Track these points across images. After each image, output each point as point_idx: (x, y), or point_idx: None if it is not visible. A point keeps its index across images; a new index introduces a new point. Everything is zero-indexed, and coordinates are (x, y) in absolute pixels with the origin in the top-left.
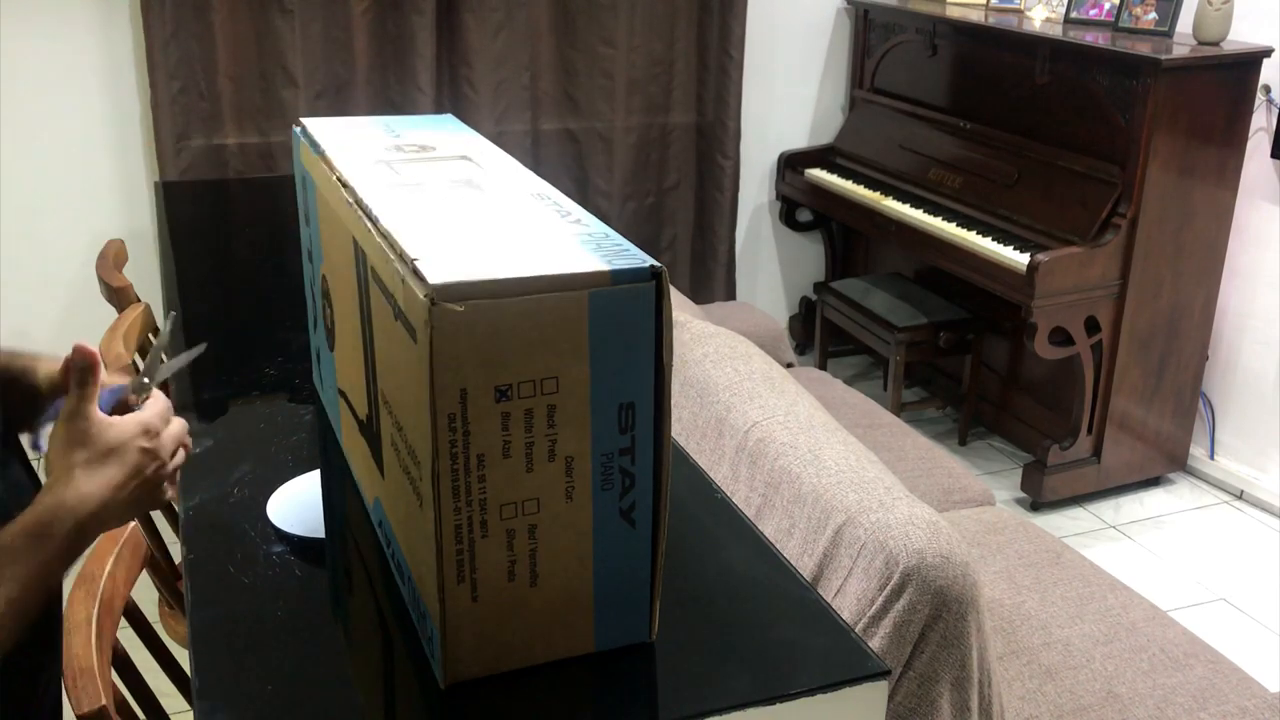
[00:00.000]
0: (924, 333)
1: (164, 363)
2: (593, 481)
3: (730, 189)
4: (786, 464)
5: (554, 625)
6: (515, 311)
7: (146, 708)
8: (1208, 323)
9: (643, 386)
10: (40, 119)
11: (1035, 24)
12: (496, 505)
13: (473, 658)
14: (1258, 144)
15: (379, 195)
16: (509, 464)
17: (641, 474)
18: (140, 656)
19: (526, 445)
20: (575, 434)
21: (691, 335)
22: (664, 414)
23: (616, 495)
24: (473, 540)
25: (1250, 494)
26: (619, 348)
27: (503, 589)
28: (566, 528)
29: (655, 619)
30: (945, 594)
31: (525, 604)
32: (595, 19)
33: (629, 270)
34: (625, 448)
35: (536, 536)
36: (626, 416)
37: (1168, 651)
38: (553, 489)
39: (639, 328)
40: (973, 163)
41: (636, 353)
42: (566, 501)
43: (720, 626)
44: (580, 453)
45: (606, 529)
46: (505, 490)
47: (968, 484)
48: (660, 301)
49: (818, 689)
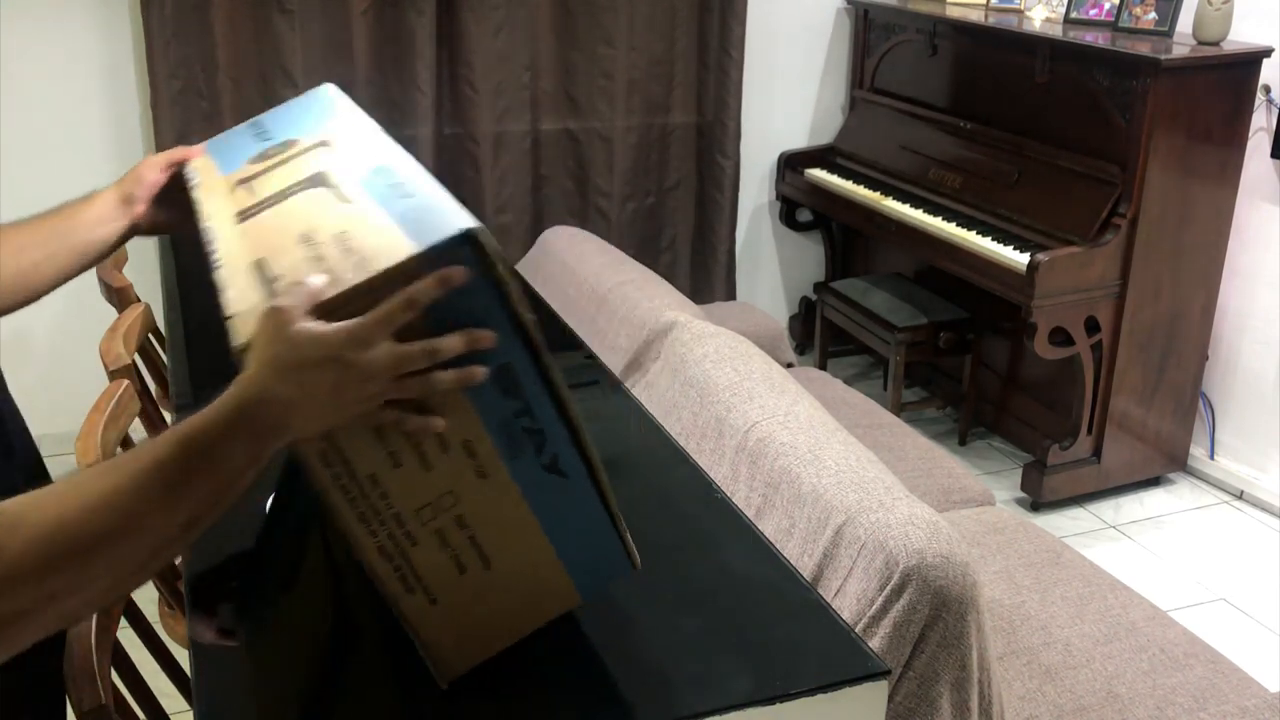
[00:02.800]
0: (924, 333)
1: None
2: (500, 453)
3: (730, 189)
4: (786, 464)
5: (529, 594)
6: None
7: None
8: (1208, 323)
9: (511, 345)
10: (40, 119)
11: (1035, 24)
12: (413, 513)
13: (459, 654)
14: (1258, 144)
15: (224, 236)
16: (404, 472)
17: (550, 426)
18: (140, 656)
19: (414, 448)
20: (459, 417)
21: (691, 335)
22: (546, 364)
23: (532, 455)
24: (404, 552)
25: (1250, 494)
26: (466, 320)
27: (458, 583)
28: (495, 504)
29: (632, 550)
30: (945, 594)
31: (490, 587)
32: (595, 19)
33: (440, 245)
34: (520, 409)
35: (469, 524)
36: (507, 380)
37: (1168, 651)
38: (461, 476)
39: (476, 295)
40: (973, 163)
41: (488, 317)
42: (482, 481)
43: (720, 627)
44: (474, 433)
45: (538, 489)
46: (413, 497)
47: (968, 484)
48: (486, 260)
49: (818, 689)
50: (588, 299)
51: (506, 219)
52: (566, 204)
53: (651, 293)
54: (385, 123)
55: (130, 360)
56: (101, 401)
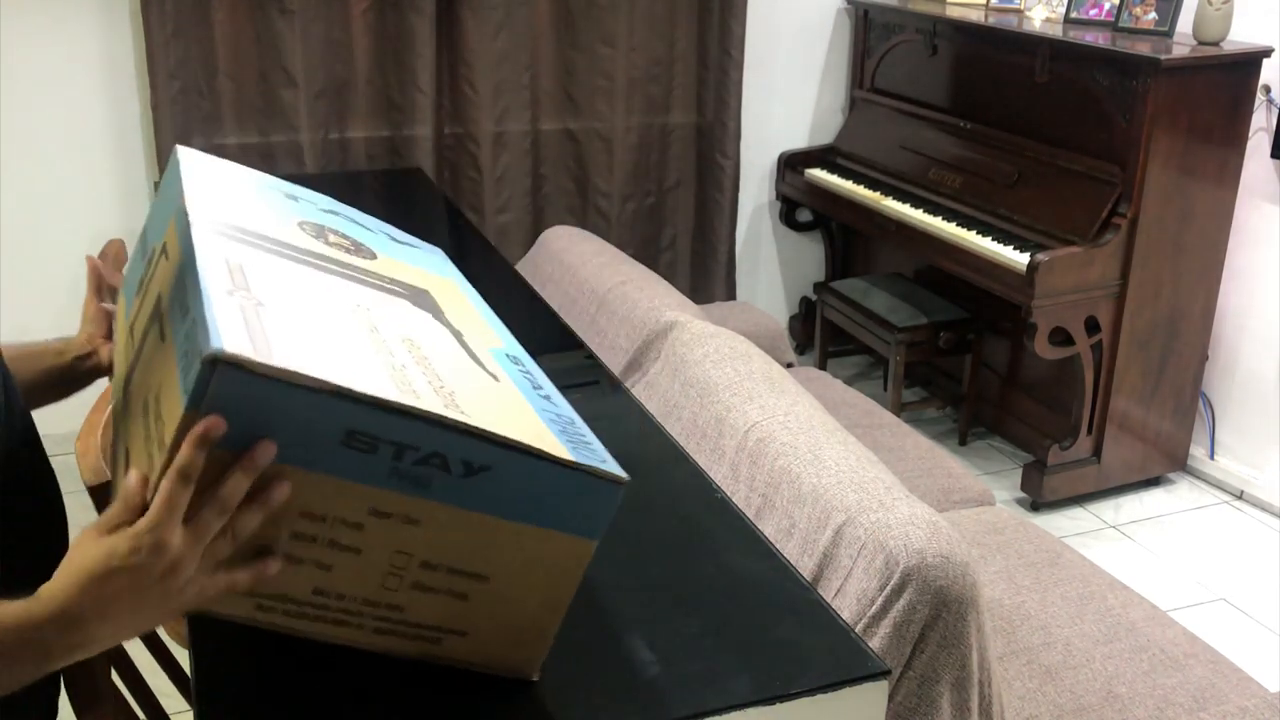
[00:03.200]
0: (924, 333)
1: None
2: (411, 495)
3: (730, 189)
4: (786, 464)
5: (544, 572)
6: None
7: (146, 708)
8: (1208, 323)
9: (330, 413)
10: (40, 119)
11: (1035, 24)
12: (379, 590)
13: (525, 649)
14: (1258, 144)
15: (122, 413)
16: (340, 569)
17: (437, 443)
18: (140, 656)
19: (328, 546)
20: (346, 497)
21: (691, 335)
22: (376, 399)
23: (442, 475)
24: (400, 620)
25: (1250, 494)
26: (263, 422)
27: (471, 609)
28: (446, 533)
29: (609, 471)
30: (945, 594)
31: (503, 592)
32: (595, 19)
33: (196, 390)
34: (394, 453)
35: (437, 563)
36: (358, 440)
37: (1168, 651)
38: (394, 534)
39: (258, 401)
40: (973, 163)
41: (286, 405)
42: (416, 525)
43: (720, 626)
44: (371, 498)
45: (473, 494)
46: (367, 579)
47: (968, 484)
48: (249, 367)
49: (818, 689)
50: (588, 299)
51: (506, 219)
52: (566, 204)
53: (651, 293)
54: (385, 123)
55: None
56: (101, 402)
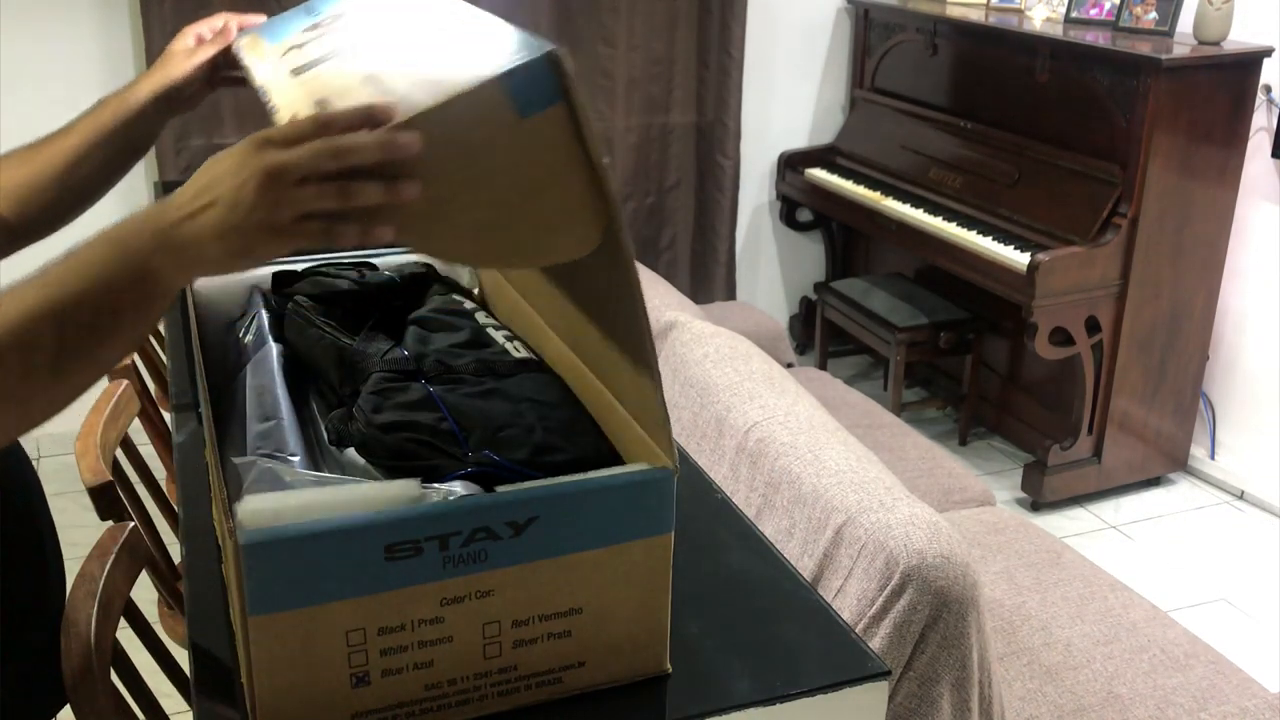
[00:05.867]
0: (924, 333)
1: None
2: (470, 570)
3: (730, 189)
4: (787, 464)
5: (631, 568)
6: None
7: (146, 708)
8: (1208, 323)
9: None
10: (40, 119)
11: (1035, 23)
12: (481, 661)
13: (654, 646)
14: (1258, 144)
15: (280, 89)
16: (438, 661)
17: (480, 518)
18: (140, 656)
19: (418, 646)
20: (412, 594)
21: (691, 335)
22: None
23: (500, 540)
24: (517, 678)
25: (1250, 494)
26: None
27: (579, 641)
28: (521, 588)
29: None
30: (945, 594)
31: (603, 609)
32: (595, 19)
33: (520, 67)
34: (440, 542)
35: (526, 618)
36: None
37: (1168, 652)
38: (474, 613)
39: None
40: (973, 162)
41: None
42: (488, 597)
43: (720, 627)
44: (441, 592)
45: (531, 545)
46: (467, 657)
47: (968, 484)
48: (566, 83)
49: (818, 689)
50: None
51: None
52: None
53: (651, 293)
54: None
55: (129, 360)
56: (101, 402)
